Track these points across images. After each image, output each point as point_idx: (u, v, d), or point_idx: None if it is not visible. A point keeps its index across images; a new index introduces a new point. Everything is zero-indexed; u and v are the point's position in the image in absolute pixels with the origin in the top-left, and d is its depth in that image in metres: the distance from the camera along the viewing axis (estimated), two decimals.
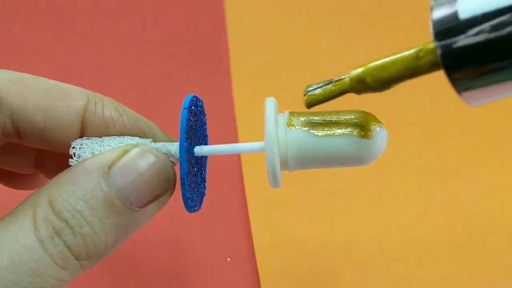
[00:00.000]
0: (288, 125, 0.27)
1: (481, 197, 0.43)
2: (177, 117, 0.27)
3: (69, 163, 0.27)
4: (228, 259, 0.41)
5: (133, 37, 0.55)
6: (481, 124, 0.47)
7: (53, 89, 0.29)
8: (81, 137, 0.29)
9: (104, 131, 0.29)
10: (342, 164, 0.27)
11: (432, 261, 0.40)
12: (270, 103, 0.27)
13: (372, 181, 0.44)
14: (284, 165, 0.27)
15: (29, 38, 0.54)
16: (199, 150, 0.28)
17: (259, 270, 0.40)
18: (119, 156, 0.26)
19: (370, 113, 0.27)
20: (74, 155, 0.27)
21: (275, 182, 0.27)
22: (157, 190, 0.26)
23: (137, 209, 0.26)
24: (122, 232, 0.26)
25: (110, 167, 0.26)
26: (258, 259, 0.40)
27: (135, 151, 0.26)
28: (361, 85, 0.25)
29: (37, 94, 0.28)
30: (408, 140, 0.47)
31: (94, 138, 0.28)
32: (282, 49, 0.53)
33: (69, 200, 0.25)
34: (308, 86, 0.27)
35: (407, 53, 0.25)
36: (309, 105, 0.27)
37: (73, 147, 0.27)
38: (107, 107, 0.29)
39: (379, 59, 0.25)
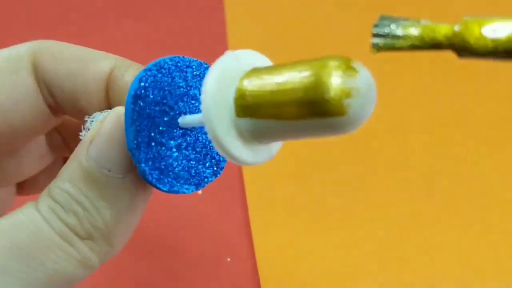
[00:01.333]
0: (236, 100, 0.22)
1: (480, 197, 0.43)
2: None
3: (79, 137, 0.26)
4: (228, 259, 0.41)
5: (133, 37, 0.54)
6: (480, 124, 0.47)
7: (84, 54, 0.28)
8: (108, 105, 0.27)
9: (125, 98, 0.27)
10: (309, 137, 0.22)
11: (432, 262, 0.40)
12: (218, 65, 0.22)
13: (373, 181, 0.44)
14: (242, 135, 0.23)
15: (28, 38, 0.54)
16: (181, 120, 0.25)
17: (259, 270, 0.40)
18: (99, 127, 0.25)
19: (333, 63, 0.20)
20: (83, 129, 0.26)
21: (225, 155, 0.23)
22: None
23: (120, 176, 0.25)
24: (118, 206, 0.25)
25: (91, 141, 0.25)
26: (258, 259, 0.40)
27: (108, 118, 0.25)
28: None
29: (68, 59, 0.28)
30: (411, 140, 0.47)
31: (107, 110, 0.27)
32: (282, 50, 0.53)
33: (58, 183, 0.25)
34: (376, 27, 0.20)
35: None
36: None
37: (86, 120, 0.26)
38: (129, 73, 0.27)
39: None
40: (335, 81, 0.19)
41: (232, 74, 0.23)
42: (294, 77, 0.21)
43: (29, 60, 0.28)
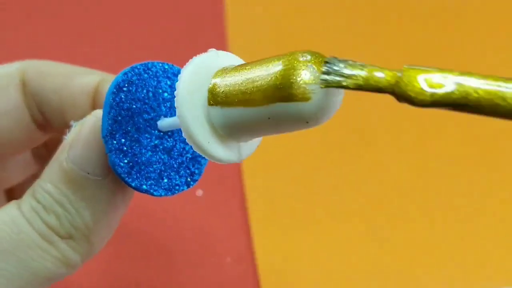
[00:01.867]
0: (209, 94, 0.23)
1: (479, 197, 0.43)
2: None
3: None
4: (228, 259, 0.41)
5: (132, 37, 0.55)
6: (478, 124, 0.47)
7: (70, 70, 0.30)
8: None
9: None
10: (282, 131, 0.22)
11: (432, 262, 0.41)
12: (189, 67, 0.23)
13: (374, 182, 0.44)
14: (215, 131, 0.24)
15: (27, 38, 0.54)
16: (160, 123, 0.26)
17: (259, 270, 0.40)
18: (78, 129, 0.26)
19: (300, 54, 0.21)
20: (68, 132, 0.27)
21: (207, 155, 0.24)
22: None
23: (99, 178, 0.25)
24: (97, 207, 0.25)
25: (71, 144, 0.26)
26: (258, 259, 0.40)
27: (87, 121, 0.26)
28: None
29: (55, 75, 0.29)
30: (406, 141, 0.47)
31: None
32: (282, 49, 0.53)
33: (41, 183, 0.26)
34: (326, 64, 0.21)
35: None
36: None
37: (71, 125, 0.27)
38: None
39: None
40: (304, 69, 0.21)
41: (208, 71, 0.24)
42: (265, 66, 0.22)
43: (18, 77, 0.30)
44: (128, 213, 0.28)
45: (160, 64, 0.27)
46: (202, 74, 0.24)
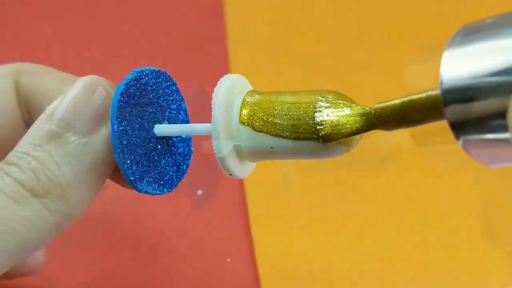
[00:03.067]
0: (240, 117, 0.25)
1: (480, 196, 0.43)
2: None
3: None
4: (228, 259, 0.41)
5: (133, 38, 0.55)
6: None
7: (63, 75, 0.30)
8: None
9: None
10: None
11: (433, 261, 0.41)
12: (225, 81, 0.25)
13: (373, 184, 0.44)
14: (240, 154, 0.26)
15: (26, 38, 0.54)
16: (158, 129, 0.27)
17: (259, 270, 0.40)
18: (61, 98, 0.26)
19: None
20: None
21: (226, 171, 0.26)
22: (98, 110, 0.26)
23: (85, 133, 0.25)
24: (79, 162, 0.25)
25: (55, 108, 0.26)
26: (258, 259, 0.40)
27: (78, 82, 0.26)
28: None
29: (47, 80, 0.30)
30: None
31: None
32: (282, 51, 0.53)
33: (17, 149, 0.25)
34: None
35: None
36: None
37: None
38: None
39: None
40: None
41: (237, 90, 0.26)
42: (299, 101, 0.24)
43: (13, 78, 0.30)
44: (125, 212, 0.28)
45: (164, 74, 0.28)
46: (234, 92, 0.25)
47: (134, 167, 0.26)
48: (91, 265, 0.40)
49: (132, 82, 0.26)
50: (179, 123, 0.29)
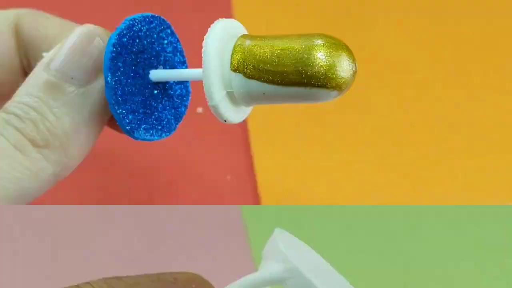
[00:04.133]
0: (231, 64, 0.25)
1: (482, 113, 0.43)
2: None
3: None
4: (228, 176, 0.41)
5: None
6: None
7: (64, 22, 0.30)
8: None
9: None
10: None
11: (433, 177, 0.41)
12: (216, 27, 0.25)
13: (372, 100, 0.44)
14: (234, 100, 0.26)
15: None
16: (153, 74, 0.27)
17: (259, 187, 0.40)
18: (59, 47, 0.26)
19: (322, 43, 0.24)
20: None
21: (220, 118, 0.26)
22: (95, 60, 0.26)
23: (82, 84, 0.25)
24: (77, 113, 0.25)
25: (52, 58, 0.26)
26: (258, 176, 0.40)
27: (76, 31, 0.26)
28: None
29: (48, 26, 0.30)
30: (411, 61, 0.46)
31: None
32: None
33: (15, 99, 0.25)
34: None
35: None
36: None
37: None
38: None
39: None
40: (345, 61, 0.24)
41: (229, 36, 0.25)
42: (297, 46, 0.24)
43: (14, 22, 0.30)
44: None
45: (162, 18, 0.28)
46: (225, 38, 0.25)
47: (130, 116, 0.26)
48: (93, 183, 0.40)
49: (125, 31, 0.26)
50: (175, 66, 0.29)
